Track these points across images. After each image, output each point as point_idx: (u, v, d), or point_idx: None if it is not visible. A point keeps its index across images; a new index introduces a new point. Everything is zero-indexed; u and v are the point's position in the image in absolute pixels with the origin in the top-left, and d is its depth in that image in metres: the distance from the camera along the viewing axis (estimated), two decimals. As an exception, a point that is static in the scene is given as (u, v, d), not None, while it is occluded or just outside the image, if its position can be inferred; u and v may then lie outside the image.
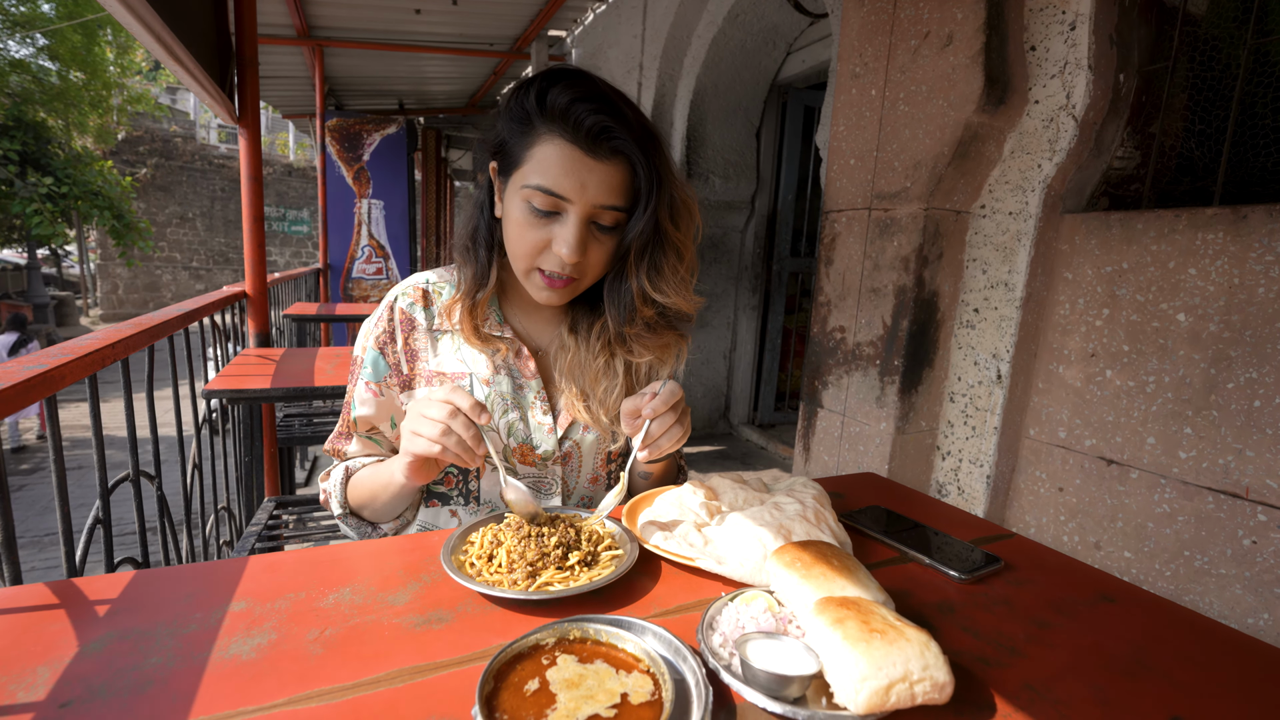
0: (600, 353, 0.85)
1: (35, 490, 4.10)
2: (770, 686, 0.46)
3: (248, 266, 2.38)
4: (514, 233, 0.76)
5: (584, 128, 0.69)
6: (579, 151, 0.70)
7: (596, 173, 0.71)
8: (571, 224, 0.72)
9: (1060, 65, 1.48)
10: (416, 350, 0.85)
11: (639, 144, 0.72)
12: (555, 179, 0.70)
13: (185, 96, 16.03)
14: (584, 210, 0.72)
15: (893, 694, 0.44)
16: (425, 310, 0.85)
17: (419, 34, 4.68)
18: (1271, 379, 1.19)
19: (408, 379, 0.85)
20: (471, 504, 0.86)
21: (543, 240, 0.74)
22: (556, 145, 0.70)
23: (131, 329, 1.27)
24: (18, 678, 0.45)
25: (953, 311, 1.76)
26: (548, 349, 0.88)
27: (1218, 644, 0.58)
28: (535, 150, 0.72)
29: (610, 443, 0.88)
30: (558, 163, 0.70)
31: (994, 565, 0.69)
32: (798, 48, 3.38)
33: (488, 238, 0.82)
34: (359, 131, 6.15)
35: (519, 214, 0.74)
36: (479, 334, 0.83)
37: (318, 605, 0.56)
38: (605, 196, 0.72)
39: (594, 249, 0.75)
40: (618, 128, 0.70)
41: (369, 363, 0.85)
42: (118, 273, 11.56)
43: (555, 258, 0.74)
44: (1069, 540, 1.54)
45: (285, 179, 12.81)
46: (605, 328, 0.84)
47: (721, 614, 0.55)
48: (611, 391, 0.85)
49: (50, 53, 9.33)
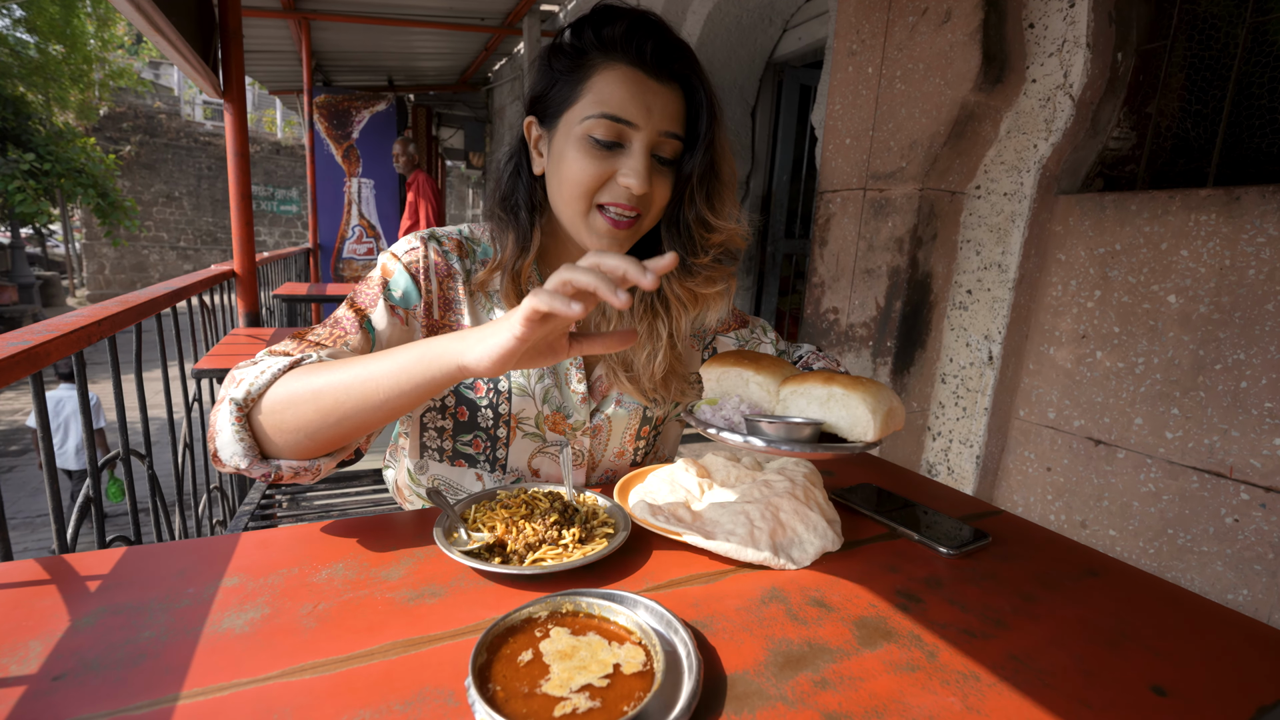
0: (643, 317, 0.83)
1: (25, 472, 4.08)
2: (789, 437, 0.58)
3: (235, 245, 2.35)
4: (570, 171, 0.72)
5: (647, 51, 0.69)
6: (643, 74, 0.70)
7: (661, 96, 0.71)
8: (638, 152, 0.71)
9: (1058, 43, 1.46)
10: (451, 300, 0.79)
11: (699, 67, 0.73)
12: (621, 103, 0.69)
13: (169, 71, 15.65)
14: (649, 137, 0.71)
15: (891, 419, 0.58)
16: (462, 261, 0.80)
17: (408, 7, 4.57)
18: (1259, 360, 1.20)
19: (438, 324, 0.78)
20: (498, 470, 0.84)
21: (605, 173, 0.71)
22: (619, 71, 0.70)
23: (118, 306, 1.26)
24: (10, 651, 0.45)
25: (946, 293, 1.76)
26: (587, 319, 0.85)
27: (1198, 617, 0.59)
28: (594, 81, 0.71)
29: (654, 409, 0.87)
30: (623, 86, 0.69)
31: (982, 541, 0.70)
32: (794, 24, 3.33)
33: (528, 199, 0.79)
34: (348, 108, 6.04)
35: (577, 150, 0.71)
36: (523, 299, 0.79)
37: (311, 580, 0.56)
38: (668, 123, 0.72)
39: (657, 182, 0.74)
40: (680, 48, 0.71)
41: (400, 285, 0.76)
42: (104, 252, 11.38)
43: (621, 190, 0.71)
44: (1056, 519, 1.56)
45: (273, 157, 12.58)
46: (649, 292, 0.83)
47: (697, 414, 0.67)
48: (655, 357, 0.82)
49: (27, 24, 9.07)
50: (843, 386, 0.60)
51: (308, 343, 0.69)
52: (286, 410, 0.60)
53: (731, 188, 0.79)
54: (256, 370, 0.62)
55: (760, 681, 0.46)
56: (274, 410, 0.60)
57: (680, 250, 0.79)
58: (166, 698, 0.42)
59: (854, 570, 0.63)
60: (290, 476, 0.62)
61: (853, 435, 0.58)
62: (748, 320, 0.96)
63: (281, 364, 0.62)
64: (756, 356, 0.71)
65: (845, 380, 0.61)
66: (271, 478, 0.62)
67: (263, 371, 0.62)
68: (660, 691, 0.42)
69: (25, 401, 5.77)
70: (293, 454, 0.62)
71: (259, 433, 0.61)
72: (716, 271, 0.82)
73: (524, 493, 0.72)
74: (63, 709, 0.40)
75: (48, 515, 1.04)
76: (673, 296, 0.83)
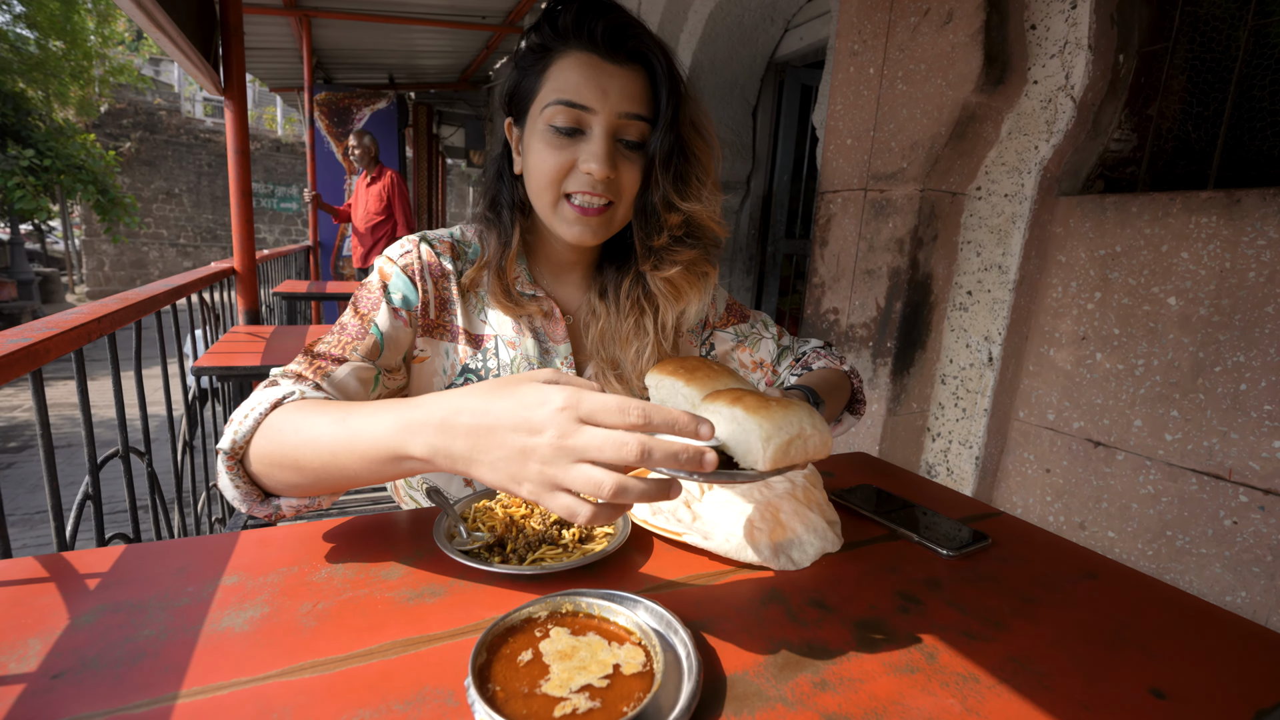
0: (630, 313, 0.83)
1: (24, 468, 4.08)
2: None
3: (236, 242, 2.35)
4: (534, 162, 0.73)
5: (598, 32, 0.69)
6: (596, 58, 0.69)
7: (617, 78, 0.70)
8: (597, 137, 0.70)
9: (1060, 45, 1.46)
10: (446, 299, 0.80)
11: (656, 45, 0.72)
12: (575, 88, 0.69)
13: (169, 68, 15.63)
14: (608, 120, 0.70)
15: (792, 449, 0.50)
16: (454, 263, 0.81)
17: (410, 5, 4.57)
18: (1258, 363, 1.20)
19: (433, 324, 0.79)
20: None
21: (567, 161, 0.71)
22: (573, 57, 0.70)
23: (118, 304, 1.26)
24: (9, 649, 0.45)
25: (946, 294, 1.77)
26: (577, 315, 0.86)
27: (1197, 619, 0.59)
28: (551, 71, 0.71)
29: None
30: (576, 71, 0.69)
31: (981, 543, 0.70)
32: (796, 24, 3.33)
33: (509, 199, 0.80)
34: (348, 106, 6.03)
35: (540, 141, 0.72)
36: (510, 295, 0.79)
37: (310, 579, 0.56)
38: (627, 104, 0.71)
39: (623, 167, 0.73)
40: (634, 27, 0.70)
41: (399, 288, 0.76)
42: (104, 249, 11.36)
43: (584, 178, 0.71)
44: (1055, 520, 1.57)
45: (273, 154, 12.56)
46: (634, 282, 0.83)
47: None
48: (643, 353, 0.83)
49: (27, 20, 9.05)
50: (746, 409, 0.52)
51: (317, 359, 0.70)
52: (273, 470, 0.58)
53: (706, 168, 0.77)
54: (244, 410, 0.61)
55: (760, 682, 0.46)
56: (261, 464, 0.59)
57: (643, 228, 0.79)
58: (165, 696, 0.42)
59: (853, 571, 0.63)
60: (292, 514, 0.62)
61: (745, 462, 0.52)
62: (748, 315, 0.95)
63: (265, 404, 0.60)
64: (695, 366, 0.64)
65: (753, 401, 0.53)
66: (274, 517, 0.62)
67: (246, 416, 0.60)
68: (660, 692, 0.42)
69: (24, 398, 5.77)
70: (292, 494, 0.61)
71: (256, 475, 0.61)
72: (679, 254, 0.80)
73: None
74: (62, 707, 0.40)
75: (46, 512, 1.04)
76: (656, 290, 0.82)
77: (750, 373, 0.93)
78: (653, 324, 0.83)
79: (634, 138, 0.73)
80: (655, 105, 0.73)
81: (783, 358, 0.93)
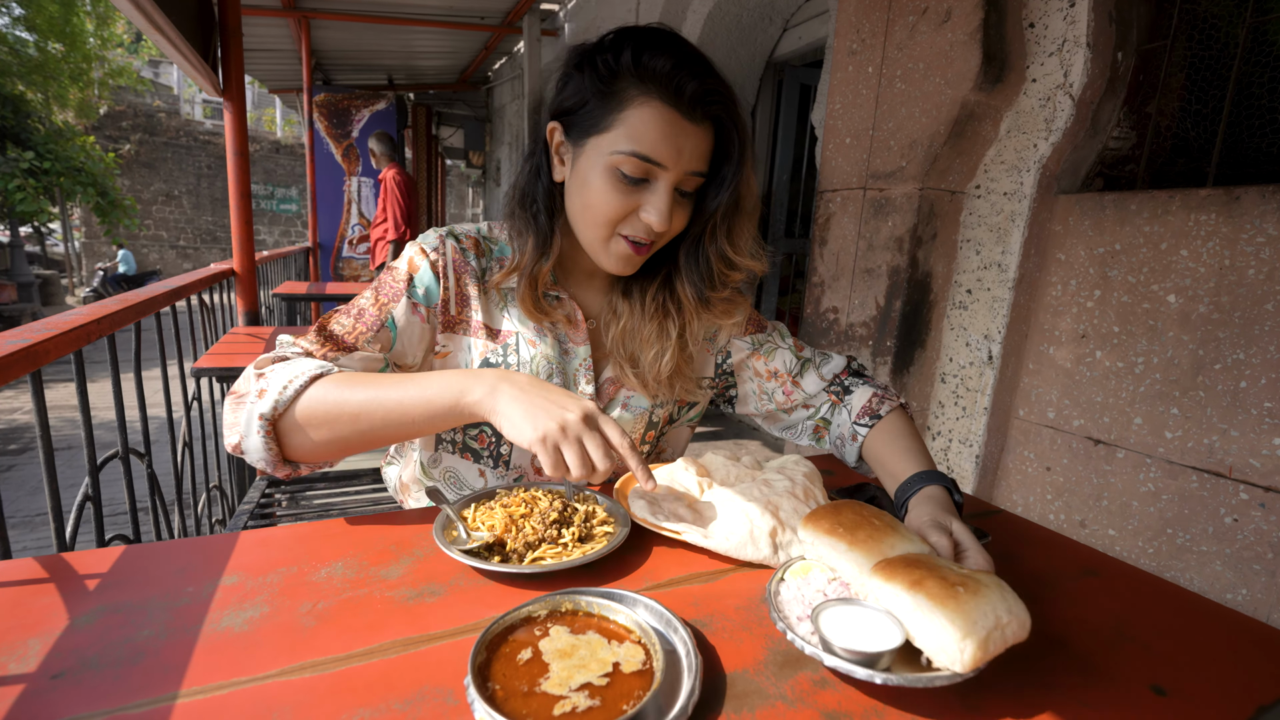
0: (654, 316, 0.83)
1: (24, 470, 4.08)
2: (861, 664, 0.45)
3: (235, 243, 2.35)
4: (595, 199, 0.73)
5: (686, 92, 0.68)
6: (678, 115, 0.69)
7: (693, 138, 0.71)
8: (663, 191, 0.71)
9: (1059, 43, 1.46)
10: (468, 296, 0.81)
11: (734, 109, 0.73)
12: (653, 145, 0.69)
13: (168, 70, 15.64)
14: (676, 177, 0.71)
15: (990, 644, 0.44)
16: (478, 260, 0.81)
17: (408, 6, 4.57)
18: (1258, 360, 1.20)
19: (454, 320, 0.80)
20: (500, 467, 0.84)
21: (630, 207, 0.73)
22: (655, 109, 0.69)
23: (117, 305, 1.26)
24: (9, 650, 0.45)
25: (946, 292, 1.76)
26: (598, 316, 0.87)
27: (1198, 616, 0.59)
28: (628, 114, 0.70)
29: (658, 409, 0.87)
30: (657, 127, 0.69)
31: (982, 540, 0.70)
32: (794, 24, 3.33)
33: (547, 203, 0.80)
34: (348, 107, 6.03)
35: (604, 181, 0.72)
36: (539, 305, 0.80)
37: (310, 579, 0.56)
38: (697, 163, 0.72)
39: (677, 214, 0.75)
40: (720, 93, 0.71)
41: (424, 281, 0.77)
42: (103, 251, 11.37)
43: (642, 226, 0.73)
44: (1055, 518, 1.56)
45: (273, 156, 12.57)
46: (660, 287, 0.84)
47: (781, 594, 0.54)
48: (662, 356, 0.83)
49: (27, 23, 9.06)
50: (931, 597, 0.45)
51: (329, 341, 0.73)
52: (322, 427, 0.65)
53: (752, 218, 0.80)
54: (282, 379, 0.65)
55: (760, 680, 0.46)
56: (307, 424, 0.65)
57: (697, 280, 0.82)
58: (165, 696, 0.42)
59: (853, 569, 0.63)
60: (306, 472, 0.70)
61: (939, 661, 0.45)
62: (765, 325, 0.95)
63: (305, 376, 0.65)
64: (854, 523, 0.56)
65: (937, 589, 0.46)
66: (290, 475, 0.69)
67: (289, 383, 0.65)
68: (660, 690, 0.42)
69: (24, 401, 5.77)
70: (314, 459, 0.68)
71: (284, 439, 0.66)
72: (734, 303, 0.85)
73: (524, 491, 0.72)
74: (61, 707, 0.40)
75: (47, 514, 1.04)
76: (685, 299, 0.83)
77: (766, 381, 0.92)
78: (676, 331, 0.84)
79: (689, 189, 0.74)
80: (717, 159, 0.75)
81: (805, 371, 0.92)
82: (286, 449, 0.67)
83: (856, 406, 0.87)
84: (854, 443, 0.85)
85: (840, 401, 0.90)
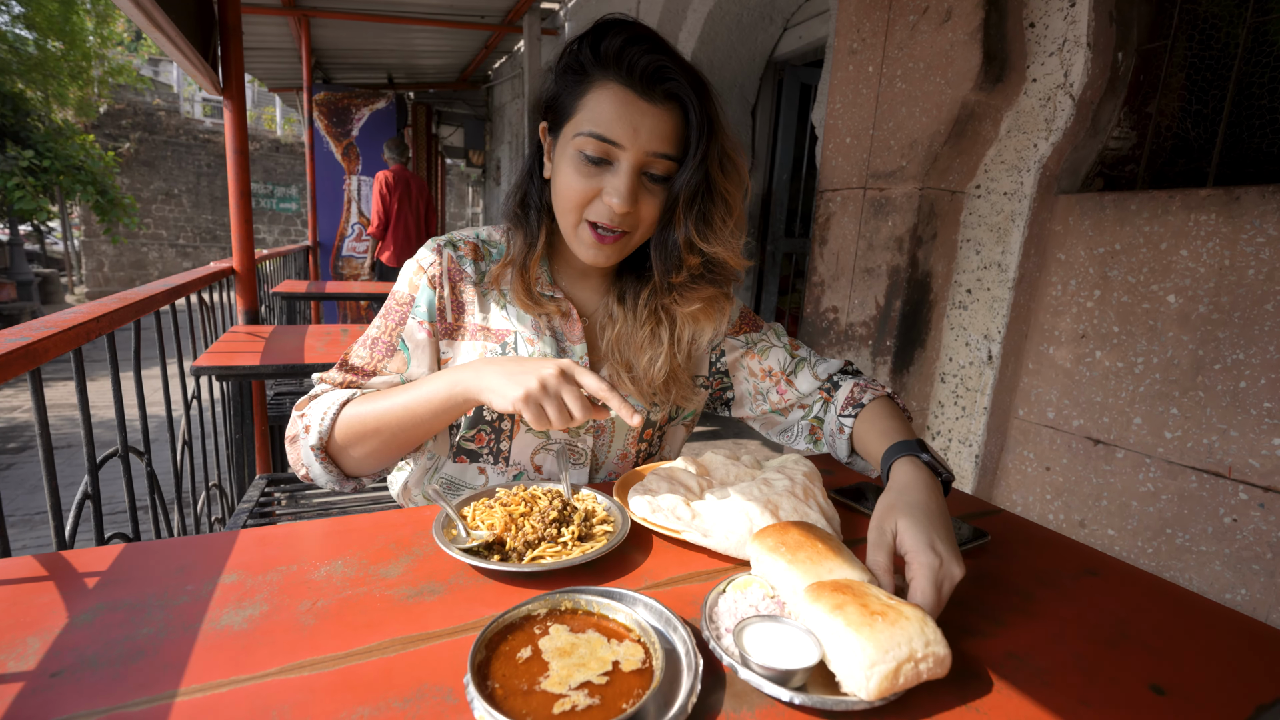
0: (646, 321, 0.84)
1: (24, 469, 4.08)
2: (773, 679, 0.45)
3: (235, 242, 2.35)
4: (562, 184, 0.75)
5: (637, 69, 0.69)
6: (632, 94, 0.70)
7: (650, 117, 0.71)
8: (623, 172, 0.72)
9: (1059, 43, 1.46)
10: (464, 302, 0.83)
11: (692, 87, 0.72)
12: (608, 123, 0.70)
13: (168, 69, 15.63)
14: (636, 157, 0.71)
15: (901, 675, 0.43)
16: (475, 265, 0.84)
17: (409, 5, 4.57)
18: (1258, 360, 1.20)
19: (451, 327, 0.83)
20: (500, 464, 0.85)
21: (592, 190, 0.73)
22: (610, 90, 0.70)
23: (117, 303, 1.25)
24: (8, 648, 0.45)
25: (945, 292, 1.77)
26: (594, 317, 0.88)
27: (1197, 616, 0.59)
28: (588, 98, 0.71)
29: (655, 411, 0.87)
30: (611, 106, 0.70)
31: (981, 539, 0.70)
32: (794, 23, 3.32)
33: (537, 201, 0.82)
34: (347, 106, 6.03)
35: (569, 165, 0.73)
36: (531, 295, 0.82)
37: (309, 578, 0.56)
38: (657, 143, 0.72)
39: (644, 200, 0.74)
40: (672, 69, 0.71)
41: (424, 299, 0.82)
42: (103, 250, 11.36)
43: (605, 208, 0.73)
44: (1054, 518, 1.57)
45: (272, 154, 12.55)
46: (652, 294, 0.84)
47: (719, 605, 0.54)
48: (655, 361, 0.84)
49: (26, 21, 9.04)
50: (847, 621, 0.45)
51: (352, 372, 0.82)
52: (358, 443, 0.75)
53: (731, 207, 0.78)
54: (319, 413, 0.76)
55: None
56: (347, 444, 0.76)
57: (662, 263, 0.80)
58: (164, 694, 0.42)
59: (853, 569, 0.63)
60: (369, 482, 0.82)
61: (846, 684, 0.44)
62: (760, 324, 0.95)
63: (336, 405, 0.76)
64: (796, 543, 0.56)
65: (856, 613, 0.45)
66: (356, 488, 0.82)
67: (324, 415, 0.75)
68: (659, 689, 0.42)
69: (24, 399, 5.77)
70: (367, 470, 0.79)
71: (338, 460, 0.77)
72: (698, 291, 0.82)
73: (524, 490, 0.72)
74: (60, 705, 0.40)
75: (46, 513, 1.04)
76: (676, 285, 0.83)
77: (760, 380, 0.92)
78: (668, 336, 0.85)
79: (659, 173, 0.74)
80: (685, 143, 0.74)
81: (799, 370, 0.91)
82: (344, 467, 0.78)
83: (840, 400, 0.87)
84: (842, 435, 0.84)
85: (830, 399, 0.90)
